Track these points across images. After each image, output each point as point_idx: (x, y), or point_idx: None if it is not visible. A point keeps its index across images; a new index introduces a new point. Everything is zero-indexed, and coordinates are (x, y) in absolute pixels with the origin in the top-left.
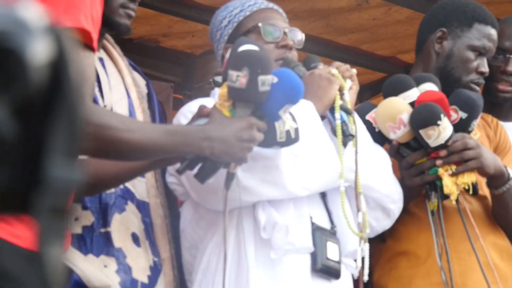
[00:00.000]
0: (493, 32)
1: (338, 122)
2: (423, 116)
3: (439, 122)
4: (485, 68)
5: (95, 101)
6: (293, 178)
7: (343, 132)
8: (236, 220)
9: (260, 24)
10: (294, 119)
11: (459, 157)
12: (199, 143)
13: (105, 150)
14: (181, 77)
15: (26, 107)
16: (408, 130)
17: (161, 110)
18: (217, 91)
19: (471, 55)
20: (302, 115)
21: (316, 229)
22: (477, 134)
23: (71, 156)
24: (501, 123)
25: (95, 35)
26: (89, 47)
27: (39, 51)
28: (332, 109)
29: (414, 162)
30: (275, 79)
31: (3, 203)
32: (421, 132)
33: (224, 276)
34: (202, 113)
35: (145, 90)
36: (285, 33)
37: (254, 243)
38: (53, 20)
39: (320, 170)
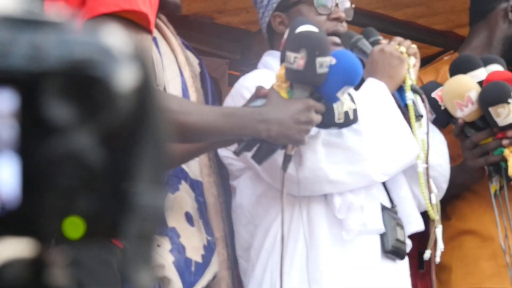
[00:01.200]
0: None
1: (410, 102)
2: (494, 93)
3: (509, 100)
4: None
5: None
6: (377, 166)
7: (414, 112)
8: (307, 201)
9: None
10: (352, 100)
11: None
12: (256, 125)
13: None
14: (236, 53)
15: (114, 135)
16: (476, 108)
17: (213, 89)
18: (270, 62)
19: None
20: (376, 97)
21: (384, 210)
22: None
23: (158, 183)
24: None
25: (152, 18)
26: (146, 29)
27: (125, 79)
28: (399, 88)
29: (479, 142)
30: (333, 61)
31: (92, 231)
32: (491, 109)
33: (282, 258)
34: (259, 93)
35: (198, 69)
36: (336, 5)
37: (326, 223)
38: (136, 45)
39: (399, 153)
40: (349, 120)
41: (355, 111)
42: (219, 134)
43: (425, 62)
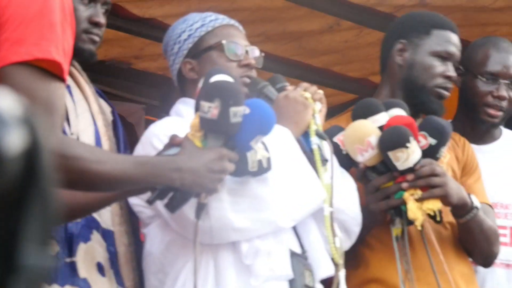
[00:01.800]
0: (453, 37)
1: (316, 147)
2: (392, 137)
3: (408, 145)
4: (452, 72)
5: (62, 130)
6: (283, 213)
7: (320, 156)
8: (215, 248)
9: (224, 42)
10: (266, 148)
11: (425, 182)
12: (170, 174)
13: (75, 181)
14: (153, 99)
15: (1, 197)
16: (376, 153)
17: (125, 138)
18: (181, 109)
19: (434, 61)
20: (281, 143)
21: (293, 256)
22: (446, 157)
23: (44, 244)
24: (476, 146)
25: (66, 66)
26: (60, 78)
27: (13, 142)
28: (305, 134)
29: (380, 186)
30: (247, 110)
31: None
32: (390, 154)
33: None
34: (174, 142)
35: (110, 117)
36: (246, 52)
37: (234, 270)
38: (25, 108)
39: (305, 199)
40: (262, 169)
41: (268, 159)
42: (133, 183)
43: (341, 108)
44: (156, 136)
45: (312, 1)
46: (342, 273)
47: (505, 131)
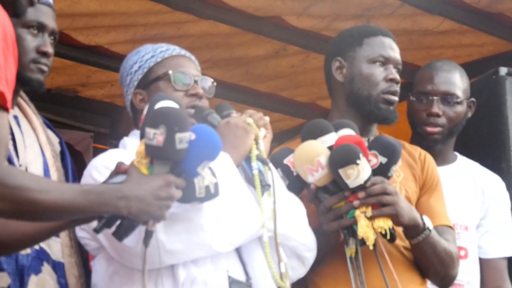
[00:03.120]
0: (386, 40)
1: (256, 172)
2: (342, 155)
3: (358, 161)
4: (394, 75)
5: (10, 160)
6: (218, 237)
7: (260, 182)
8: (156, 276)
9: (170, 72)
10: (213, 174)
11: (376, 200)
12: (116, 202)
13: (20, 211)
14: (101, 126)
15: None
16: (326, 173)
17: (73, 168)
18: (126, 142)
19: (372, 68)
20: (220, 167)
21: (232, 283)
22: (400, 176)
23: None
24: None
25: (8, 96)
26: (2, 107)
27: None
28: (247, 159)
29: (332, 206)
30: (193, 136)
31: None
32: (340, 171)
33: None
34: (119, 170)
35: (58, 148)
36: (195, 82)
37: None
38: None
39: (243, 223)
40: (210, 194)
41: (216, 185)
42: (79, 212)
43: (289, 133)
44: (95, 168)
45: (258, 27)
46: None
47: (460, 157)
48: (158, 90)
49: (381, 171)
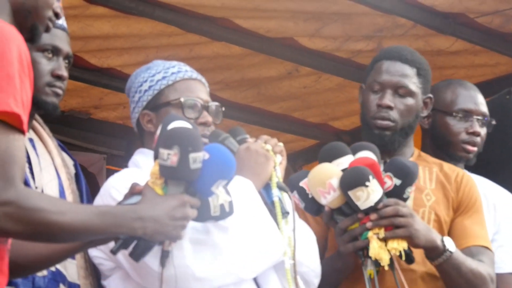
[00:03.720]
0: (387, 64)
1: (277, 199)
2: (351, 177)
3: (367, 183)
4: (382, 100)
5: (26, 183)
6: (243, 264)
7: (280, 209)
8: None
9: (182, 99)
10: (228, 193)
11: (389, 222)
12: (131, 223)
13: (36, 233)
14: (114, 148)
15: None
16: (338, 195)
17: (88, 190)
18: (138, 160)
19: (370, 94)
20: (243, 194)
21: None
22: (431, 199)
23: None
24: None
25: (25, 118)
26: (18, 129)
27: None
28: (265, 186)
29: (347, 228)
30: (207, 156)
31: None
32: (350, 193)
33: None
34: (134, 191)
35: (73, 171)
36: (206, 109)
37: None
38: None
39: (265, 250)
40: (225, 213)
41: (230, 203)
42: (94, 233)
43: (301, 154)
44: (114, 188)
45: (270, 48)
46: None
47: (472, 175)
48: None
49: (396, 193)
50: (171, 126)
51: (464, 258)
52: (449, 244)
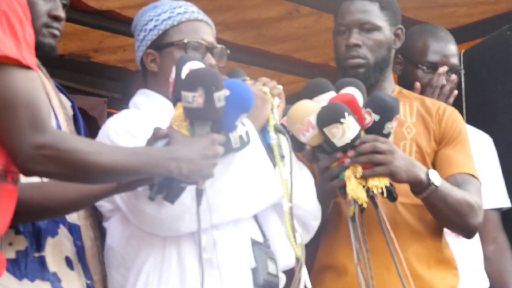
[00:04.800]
0: (347, 4)
1: (274, 142)
2: (326, 114)
3: (342, 120)
4: (348, 40)
5: None
6: (240, 204)
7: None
8: (177, 242)
9: (186, 41)
10: (243, 123)
11: (367, 159)
12: (167, 163)
13: (73, 174)
14: (114, 91)
15: None
16: (317, 132)
17: (86, 132)
18: (137, 102)
19: (337, 36)
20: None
21: (254, 244)
22: (412, 132)
23: None
24: None
25: (32, 58)
26: (28, 67)
27: None
28: (262, 129)
29: (329, 166)
30: (227, 92)
31: None
32: (326, 130)
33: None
34: (159, 135)
35: (71, 112)
36: (209, 51)
37: (197, 262)
38: None
39: (263, 192)
40: (244, 143)
41: (247, 133)
42: (131, 173)
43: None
44: (112, 130)
45: None
46: (304, 270)
47: None
48: (171, 57)
49: (375, 129)
50: (186, 67)
51: (450, 188)
52: (434, 177)
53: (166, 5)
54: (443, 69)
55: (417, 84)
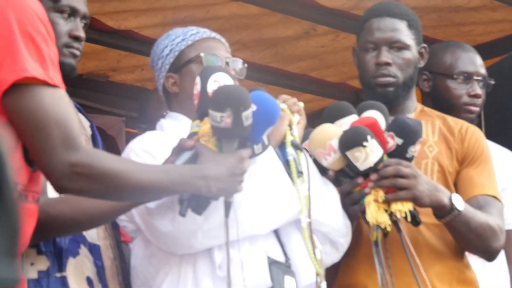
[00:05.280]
0: (377, 22)
1: (291, 158)
2: (348, 137)
3: (365, 144)
4: (379, 58)
5: None
6: (258, 220)
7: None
8: (193, 259)
9: (202, 54)
10: None
11: (390, 183)
12: (196, 182)
13: (106, 191)
14: (132, 111)
15: None
16: (339, 156)
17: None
18: (163, 124)
19: (365, 54)
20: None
21: (272, 263)
22: (434, 151)
23: (11, 256)
24: None
25: (57, 77)
26: (55, 87)
27: None
28: (280, 145)
29: (351, 191)
30: (254, 107)
31: None
32: (348, 154)
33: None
34: (184, 147)
35: (89, 132)
36: (227, 63)
37: (211, 280)
38: None
39: (282, 207)
40: (265, 146)
41: (268, 137)
42: (161, 191)
43: (320, 114)
44: (133, 151)
45: (287, 7)
46: (323, 286)
47: None
48: (190, 73)
49: (398, 153)
50: (212, 79)
51: (473, 213)
52: (457, 201)
53: (178, 31)
54: (478, 77)
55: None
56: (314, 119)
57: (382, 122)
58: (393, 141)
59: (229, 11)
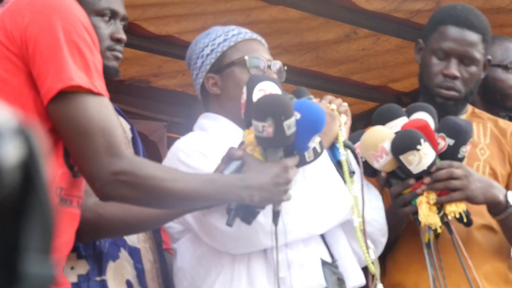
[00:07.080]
0: (454, 31)
1: (344, 158)
2: (402, 141)
3: (418, 147)
4: (449, 70)
5: None
6: (316, 220)
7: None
8: (247, 258)
9: (246, 57)
10: None
11: (443, 185)
12: (239, 191)
13: (149, 199)
14: (173, 116)
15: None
16: (391, 158)
17: (145, 155)
18: (204, 124)
19: (433, 59)
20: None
21: (323, 264)
22: (485, 153)
23: (45, 252)
24: None
25: (102, 85)
26: (98, 94)
27: (9, 153)
28: (331, 145)
29: (401, 192)
30: (298, 116)
31: None
32: (402, 158)
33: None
34: (233, 156)
35: (130, 135)
36: (269, 66)
37: (267, 281)
38: (21, 120)
39: (334, 208)
40: (317, 154)
41: (320, 143)
42: (204, 200)
43: (361, 117)
44: (182, 151)
45: (328, 11)
46: (380, 287)
47: None
48: (233, 76)
49: (450, 153)
50: (257, 88)
51: None
52: None
53: (218, 30)
54: None
55: None
56: (355, 122)
57: (431, 123)
58: (445, 142)
59: (270, 15)
